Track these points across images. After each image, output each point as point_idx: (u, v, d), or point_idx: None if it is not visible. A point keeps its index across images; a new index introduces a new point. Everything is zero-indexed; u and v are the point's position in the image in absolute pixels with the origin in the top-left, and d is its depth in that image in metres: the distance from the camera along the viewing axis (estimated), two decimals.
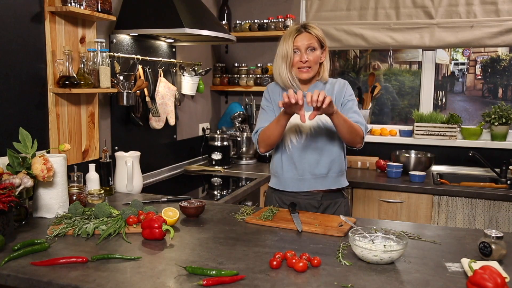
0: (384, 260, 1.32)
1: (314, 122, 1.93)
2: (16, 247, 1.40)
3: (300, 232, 1.62)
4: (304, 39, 1.90)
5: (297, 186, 1.99)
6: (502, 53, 3.31)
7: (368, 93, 3.46)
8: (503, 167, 2.97)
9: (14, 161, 1.66)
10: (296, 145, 1.97)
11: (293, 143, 1.97)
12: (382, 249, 1.31)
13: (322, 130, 1.95)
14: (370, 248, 1.32)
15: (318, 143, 1.96)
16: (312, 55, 1.91)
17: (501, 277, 1.11)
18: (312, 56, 1.91)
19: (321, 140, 1.96)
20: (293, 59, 1.91)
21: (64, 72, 2.02)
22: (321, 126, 1.94)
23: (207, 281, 1.18)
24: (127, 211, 1.68)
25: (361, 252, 1.34)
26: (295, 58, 1.91)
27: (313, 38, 1.91)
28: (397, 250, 1.32)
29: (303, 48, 1.90)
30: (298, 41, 1.90)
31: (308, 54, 1.90)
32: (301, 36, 1.90)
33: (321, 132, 1.95)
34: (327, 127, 1.94)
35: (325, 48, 1.97)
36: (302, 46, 1.89)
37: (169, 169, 3.01)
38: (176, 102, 2.96)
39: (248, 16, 3.60)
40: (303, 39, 1.90)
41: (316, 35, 1.91)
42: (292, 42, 1.89)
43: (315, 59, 1.92)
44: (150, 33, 2.47)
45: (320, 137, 1.95)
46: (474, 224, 2.71)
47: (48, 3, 1.99)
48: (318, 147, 1.96)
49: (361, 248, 1.33)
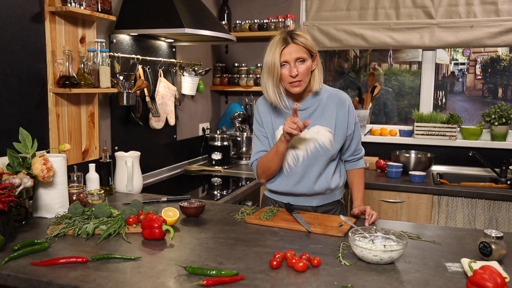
0: (384, 260, 1.32)
1: (311, 144, 1.85)
2: (16, 247, 1.40)
3: (310, 232, 1.62)
4: (292, 51, 1.72)
5: (293, 200, 1.94)
6: (502, 53, 3.31)
7: (368, 93, 3.46)
8: (503, 167, 2.97)
9: (14, 161, 1.66)
10: (294, 169, 1.89)
11: (291, 167, 1.89)
12: (382, 249, 1.31)
13: (319, 153, 1.85)
14: (370, 248, 1.32)
15: (316, 165, 1.87)
16: (302, 67, 1.74)
17: (501, 277, 1.11)
18: (302, 69, 1.74)
19: (318, 162, 1.87)
20: (282, 74, 1.75)
21: (64, 72, 2.02)
22: (318, 149, 1.85)
23: (207, 281, 1.18)
24: (127, 211, 1.68)
25: (361, 252, 1.34)
26: (284, 72, 1.74)
27: (302, 49, 1.73)
28: (397, 250, 1.32)
29: (292, 61, 1.73)
30: (286, 54, 1.72)
31: (298, 67, 1.73)
32: (289, 48, 1.72)
33: (317, 155, 1.86)
34: (324, 149, 1.85)
35: (316, 55, 1.80)
36: (290, 59, 1.72)
37: (169, 169, 3.01)
38: (176, 102, 2.96)
39: (248, 16, 3.60)
40: (291, 51, 1.72)
41: (304, 45, 1.74)
42: (279, 55, 1.72)
43: (305, 71, 1.75)
44: (150, 33, 2.47)
45: (317, 159, 1.87)
46: (474, 224, 2.71)
47: (48, 3, 1.99)
48: (315, 169, 1.87)
49: (361, 248, 1.33)
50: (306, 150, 1.85)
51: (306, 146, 1.85)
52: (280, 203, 1.99)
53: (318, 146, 1.85)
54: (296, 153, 1.87)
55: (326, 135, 1.85)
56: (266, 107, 1.93)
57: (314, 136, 1.85)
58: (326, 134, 1.85)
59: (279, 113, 1.89)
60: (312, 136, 1.85)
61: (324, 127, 1.85)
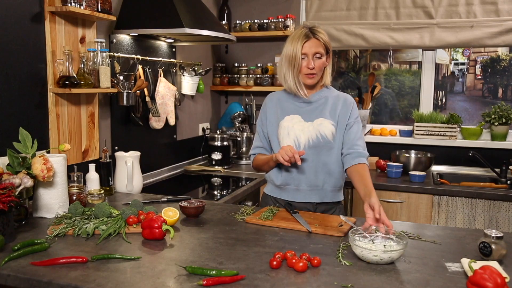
0: (384, 260, 1.32)
1: (313, 134, 1.91)
2: (16, 247, 1.40)
3: (310, 232, 1.62)
4: (313, 46, 1.87)
5: (292, 195, 1.97)
6: (502, 53, 3.31)
7: (368, 93, 3.46)
8: (503, 167, 2.97)
9: (14, 161, 1.66)
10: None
11: None
12: (382, 249, 1.31)
13: (320, 143, 1.91)
14: (370, 248, 1.32)
15: (316, 156, 1.92)
16: (318, 62, 1.88)
17: (501, 277, 1.11)
18: (318, 63, 1.88)
19: (319, 153, 1.92)
20: (301, 65, 1.89)
21: (64, 72, 2.02)
22: (320, 139, 1.91)
23: (207, 281, 1.18)
24: (127, 211, 1.68)
25: (361, 252, 1.34)
26: (303, 63, 1.89)
27: (321, 45, 1.88)
28: (397, 250, 1.32)
29: (311, 54, 1.87)
30: (307, 48, 1.86)
31: (315, 61, 1.88)
32: (310, 42, 1.87)
33: (319, 145, 1.91)
34: (326, 140, 1.91)
35: (330, 53, 1.95)
36: (310, 52, 1.87)
37: (169, 169, 3.01)
38: (176, 102, 2.96)
39: (248, 16, 3.60)
40: (312, 46, 1.87)
41: (323, 41, 1.90)
42: (301, 48, 1.86)
43: (321, 66, 1.90)
44: (150, 33, 2.47)
45: (318, 150, 1.91)
46: (474, 224, 2.71)
47: (48, 3, 1.99)
48: (316, 160, 1.92)
49: (361, 248, 1.33)
50: (308, 139, 1.92)
51: (309, 135, 1.92)
52: (280, 200, 2.00)
53: (320, 136, 1.91)
54: (298, 142, 1.93)
55: (329, 127, 1.92)
56: (274, 102, 2.04)
57: (317, 127, 1.92)
58: (329, 126, 1.92)
59: (286, 105, 2.00)
60: (315, 126, 1.92)
61: (327, 119, 1.93)
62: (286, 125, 1.95)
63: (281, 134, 1.96)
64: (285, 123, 1.96)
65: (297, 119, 1.95)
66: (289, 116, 1.96)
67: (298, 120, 1.95)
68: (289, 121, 1.95)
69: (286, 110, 1.99)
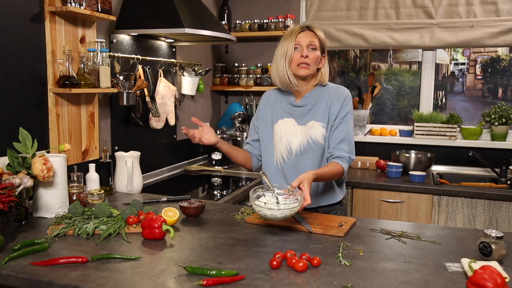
0: (278, 217, 1.51)
1: (304, 139, 1.89)
2: (16, 247, 1.40)
3: (311, 232, 1.62)
4: (307, 36, 1.86)
5: None
6: (502, 53, 3.31)
7: (368, 93, 3.46)
8: (503, 167, 2.97)
9: (14, 161, 1.66)
10: (288, 162, 1.93)
11: (285, 160, 1.93)
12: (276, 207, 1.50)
13: (311, 148, 1.89)
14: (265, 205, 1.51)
15: (308, 160, 1.90)
16: (312, 54, 1.85)
17: (501, 277, 1.11)
18: (312, 55, 1.85)
19: (311, 156, 1.90)
20: (293, 56, 1.85)
21: (64, 72, 2.03)
22: (311, 143, 1.89)
23: (207, 281, 1.18)
24: (127, 211, 1.68)
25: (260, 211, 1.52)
26: (296, 54, 1.85)
27: (316, 37, 1.87)
28: (289, 209, 1.51)
29: (305, 44, 1.85)
30: (300, 38, 1.85)
31: (309, 52, 1.85)
32: (304, 33, 1.86)
33: (310, 150, 1.89)
34: (317, 144, 1.89)
35: (325, 54, 1.93)
36: (303, 42, 1.85)
37: (169, 169, 3.01)
38: (176, 102, 2.96)
39: (248, 16, 3.60)
40: (306, 36, 1.86)
41: (319, 36, 1.88)
42: (294, 39, 1.85)
43: (315, 58, 1.87)
44: (150, 33, 2.47)
45: (309, 153, 1.90)
46: (474, 224, 2.71)
47: (48, 3, 1.99)
48: (308, 164, 1.90)
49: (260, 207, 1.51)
50: (300, 145, 1.91)
51: (301, 140, 1.91)
52: None
53: (311, 141, 1.90)
54: (290, 146, 1.92)
55: (319, 130, 1.89)
56: (269, 100, 2.03)
57: (308, 130, 1.90)
58: (319, 129, 1.89)
59: (279, 107, 1.98)
60: (307, 130, 1.91)
61: (318, 122, 1.90)
62: (279, 129, 1.95)
63: (275, 138, 1.96)
64: (278, 127, 1.95)
65: (291, 123, 1.94)
66: (282, 120, 1.95)
67: (291, 124, 1.93)
68: (283, 125, 1.94)
69: (280, 112, 1.97)
